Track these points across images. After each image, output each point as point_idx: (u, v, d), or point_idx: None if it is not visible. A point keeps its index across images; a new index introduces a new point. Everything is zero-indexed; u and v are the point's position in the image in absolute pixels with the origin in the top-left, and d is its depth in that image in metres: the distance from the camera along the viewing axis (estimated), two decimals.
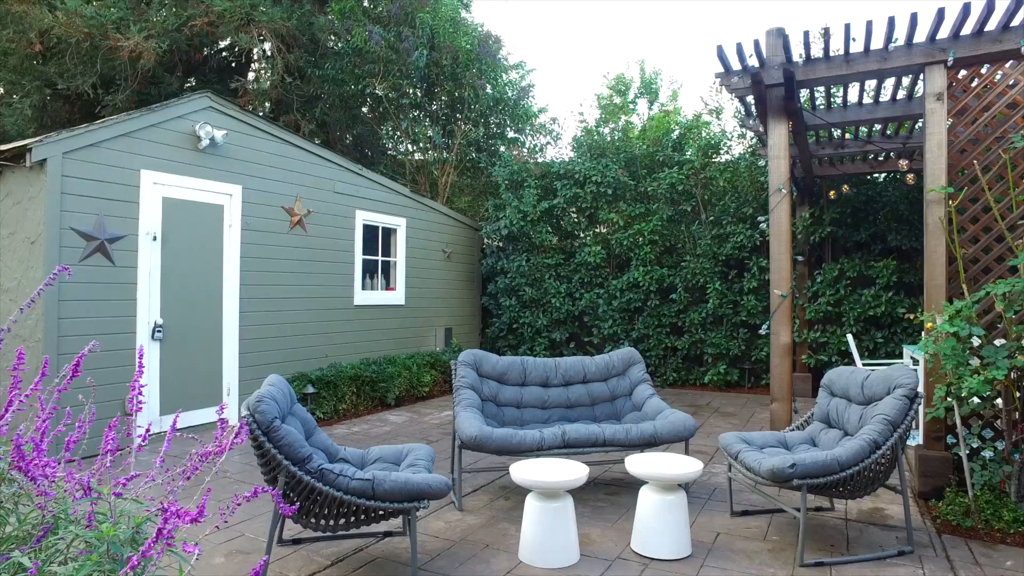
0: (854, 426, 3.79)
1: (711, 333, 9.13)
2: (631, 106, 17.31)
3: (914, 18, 4.22)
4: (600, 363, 5.17)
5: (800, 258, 5.32)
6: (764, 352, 8.76)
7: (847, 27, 4.42)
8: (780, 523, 4.00)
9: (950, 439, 4.47)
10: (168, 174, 5.90)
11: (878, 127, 6.92)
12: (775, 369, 4.93)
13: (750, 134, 9.41)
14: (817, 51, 4.84)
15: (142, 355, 1.61)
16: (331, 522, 3.05)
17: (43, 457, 1.21)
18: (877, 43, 4.60)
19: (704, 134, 9.92)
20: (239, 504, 1.61)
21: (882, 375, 3.73)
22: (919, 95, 5.78)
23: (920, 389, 3.86)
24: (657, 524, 3.50)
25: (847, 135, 7.28)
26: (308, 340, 7.46)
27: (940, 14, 4.16)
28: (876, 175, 8.47)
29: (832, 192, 7.47)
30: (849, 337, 6.56)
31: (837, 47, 4.65)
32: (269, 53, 11.99)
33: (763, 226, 5.17)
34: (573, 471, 3.45)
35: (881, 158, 7.95)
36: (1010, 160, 4.25)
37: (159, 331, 5.77)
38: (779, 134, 4.91)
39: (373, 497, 2.95)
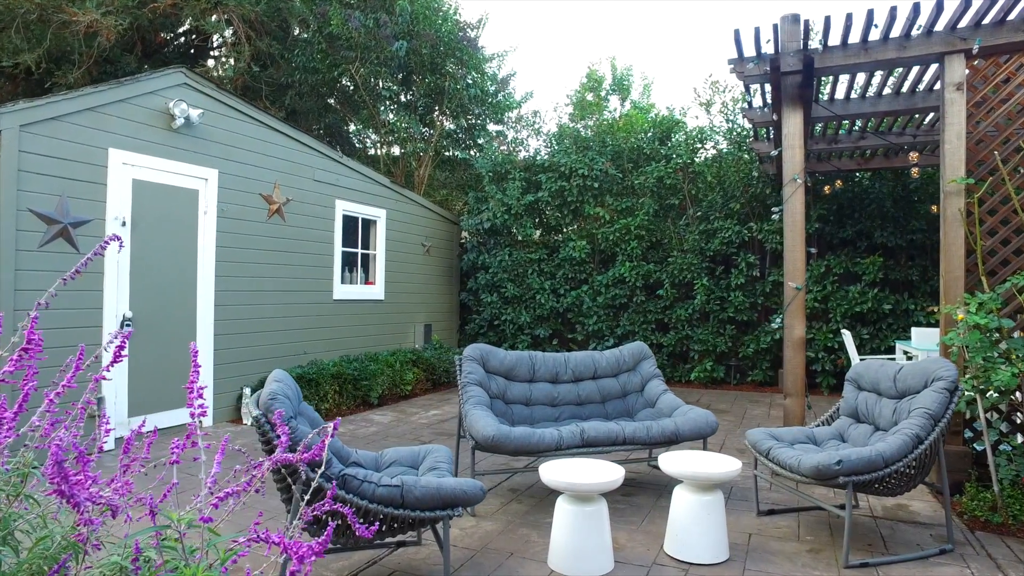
0: (887, 420, 3.67)
1: (697, 329, 9.04)
2: (604, 103, 17.27)
3: (940, 3, 4.13)
4: (610, 358, 4.95)
5: (813, 250, 5.22)
6: (751, 349, 8.72)
7: (870, 12, 4.31)
8: (809, 521, 3.85)
9: (967, 433, 4.42)
10: (139, 154, 5.41)
11: (872, 122, 6.92)
12: (788, 363, 4.80)
13: (737, 129, 9.37)
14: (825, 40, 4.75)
15: (196, 354, 1.30)
16: (352, 534, 2.72)
17: (89, 473, 0.89)
18: (895, 32, 4.51)
19: (691, 127, 9.82)
20: (308, 521, 1.30)
21: (919, 368, 3.62)
22: (923, 88, 5.77)
23: None
24: (695, 526, 3.29)
25: (840, 131, 7.26)
26: (286, 336, 7.03)
27: (967, 1, 4.08)
28: (862, 172, 8.51)
29: (828, 187, 7.46)
30: (847, 333, 6.53)
31: (855, 34, 4.54)
32: (233, 40, 11.38)
33: (775, 217, 5.05)
34: (608, 472, 3.21)
35: (868, 155, 7.99)
36: None
37: (128, 325, 5.29)
38: (794, 123, 4.79)
39: (402, 505, 2.65)
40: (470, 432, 3.99)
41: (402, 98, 11.86)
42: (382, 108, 11.98)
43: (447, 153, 12.74)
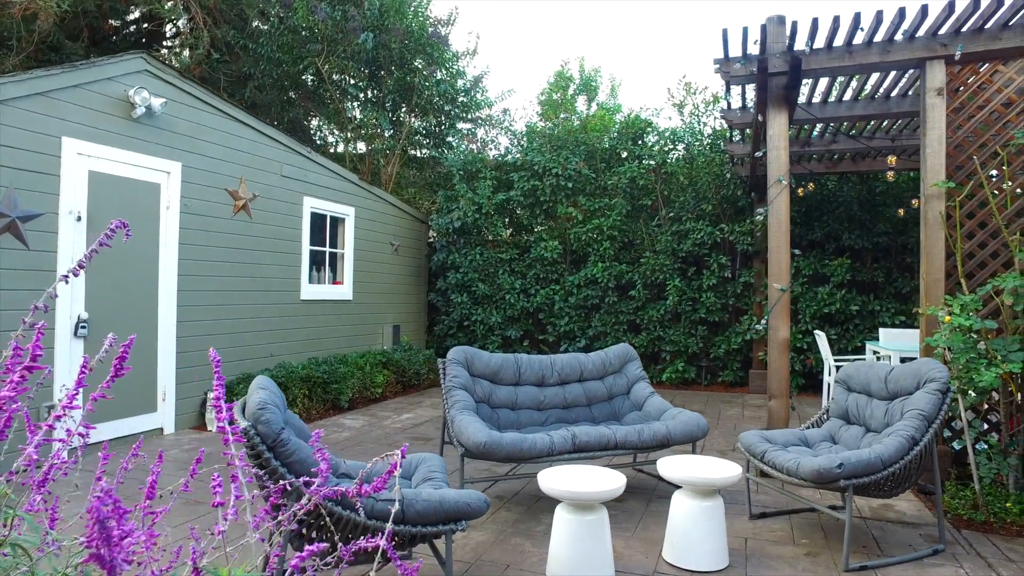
0: (879, 422, 3.69)
1: (669, 330, 9.07)
2: (571, 103, 17.28)
3: (925, 9, 4.19)
4: (596, 360, 4.87)
5: (797, 252, 5.25)
6: (722, 350, 8.80)
7: (857, 16, 4.34)
8: (801, 524, 3.84)
9: (945, 432, 4.50)
10: (96, 144, 5.05)
11: (845, 126, 7.04)
12: (773, 365, 4.81)
13: (709, 130, 9.45)
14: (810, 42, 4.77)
15: (219, 363, 1.12)
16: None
17: (125, 527, 0.72)
18: (879, 36, 4.55)
19: (663, 128, 9.86)
20: (352, 556, 1.15)
21: (910, 369, 3.64)
22: (896, 94, 5.88)
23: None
24: (695, 533, 3.22)
25: (813, 135, 7.38)
26: (253, 337, 6.72)
27: (951, 7, 4.15)
28: (829, 176, 8.68)
29: (800, 190, 7.58)
30: (821, 334, 6.61)
31: (840, 38, 4.57)
32: (191, 26, 10.88)
33: (760, 218, 5.06)
34: (609, 479, 3.11)
35: (836, 158, 8.15)
36: (1007, 156, 4.31)
37: (83, 327, 4.93)
38: (779, 124, 4.80)
39: (403, 521, 2.48)
40: (459, 439, 3.84)
41: (369, 94, 11.57)
42: (348, 104, 11.66)
43: (414, 152, 12.50)
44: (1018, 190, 4.33)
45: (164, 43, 12.94)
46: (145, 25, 12.50)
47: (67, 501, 1.42)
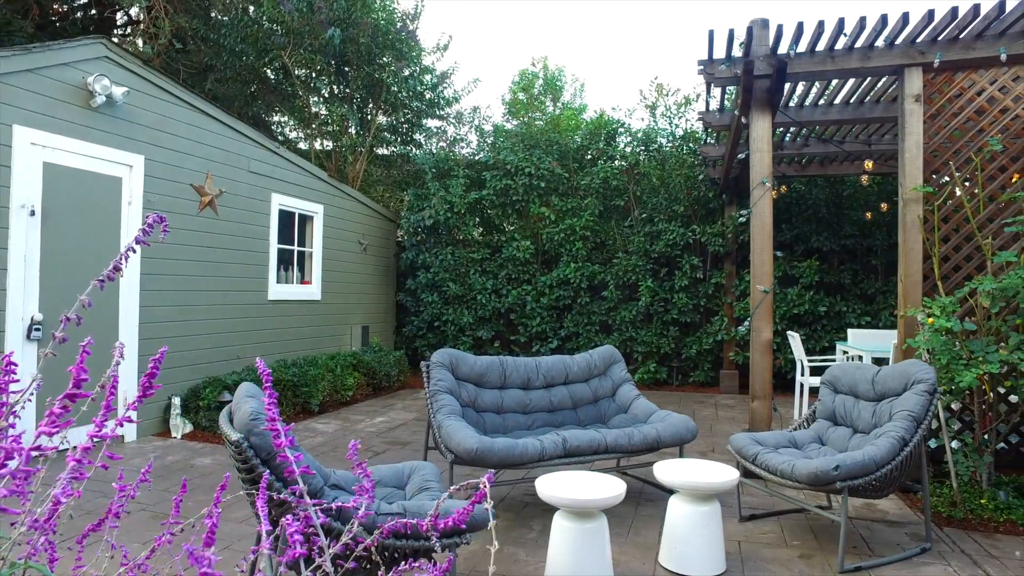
0: (866, 423, 3.73)
1: (641, 331, 9.11)
2: (536, 103, 17.25)
3: (906, 17, 4.27)
4: (581, 363, 4.81)
5: (779, 254, 5.32)
6: (693, 350, 8.88)
7: (840, 21, 4.40)
8: (790, 526, 3.86)
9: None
10: (51, 134, 4.73)
11: (817, 129, 7.18)
12: (755, 366, 4.84)
13: (679, 131, 9.53)
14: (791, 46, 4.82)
15: (269, 377, 0.99)
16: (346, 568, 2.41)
17: None
18: (860, 42, 4.63)
19: (635, 128, 9.89)
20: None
21: (897, 370, 3.69)
22: (869, 100, 6.01)
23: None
24: (694, 538, 3.18)
25: (780, 138, 7.50)
26: (219, 339, 6.43)
27: (930, 16, 4.24)
28: (800, 178, 8.85)
29: (775, 191, 7.68)
30: (795, 335, 6.71)
31: (822, 42, 4.62)
32: (153, 15, 10.39)
33: (742, 220, 5.11)
34: (609, 486, 3.04)
35: (804, 162, 8.32)
36: (980, 163, 4.44)
37: (37, 329, 4.61)
38: (763, 127, 4.83)
39: (405, 535, 2.36)
40: (447, 445, 3.72)
41: (335, 89, 11.28)
42: (314, 99, 11.34)
43: (381, 150, 12.26)
44: (989, 197, 4.46)
45: (115, 31, 12.35)
46: (92, 12, 11.91)
47: (61, 534, 1.27)
